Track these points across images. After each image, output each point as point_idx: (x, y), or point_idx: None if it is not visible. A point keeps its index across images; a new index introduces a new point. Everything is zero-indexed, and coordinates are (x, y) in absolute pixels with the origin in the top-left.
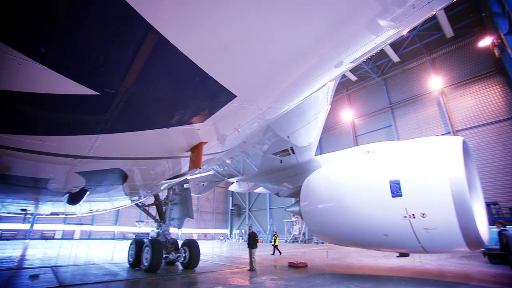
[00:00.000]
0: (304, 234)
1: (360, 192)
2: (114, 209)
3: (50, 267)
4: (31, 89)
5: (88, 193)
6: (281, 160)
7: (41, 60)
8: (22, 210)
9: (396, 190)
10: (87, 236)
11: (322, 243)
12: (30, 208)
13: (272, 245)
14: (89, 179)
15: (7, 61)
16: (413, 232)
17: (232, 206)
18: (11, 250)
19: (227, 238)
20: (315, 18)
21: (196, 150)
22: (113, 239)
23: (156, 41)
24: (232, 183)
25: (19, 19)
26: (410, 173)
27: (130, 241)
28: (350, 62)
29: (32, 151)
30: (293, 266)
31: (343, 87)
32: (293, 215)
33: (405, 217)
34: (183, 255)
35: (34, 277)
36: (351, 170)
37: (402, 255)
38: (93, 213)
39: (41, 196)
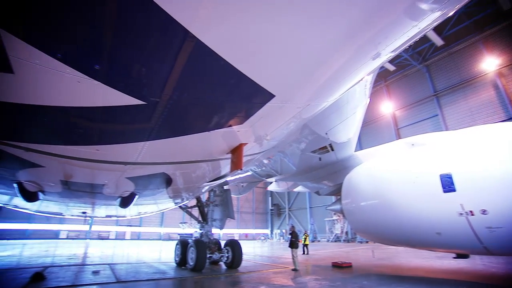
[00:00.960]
0: (347, 233)
1: (407, 188)
2: (159, 212)
3: (108, 264)
4: (89, 103)
5: (137, 197)
6: (320, 158)
7: (96, 76)
8: (83, 213)
9: (448, 184)
10: (137, 237)
11: (367, 242)
12: (89, 211)
13: (302, 244)
14: (137, 184)
15: (68, 81)
16: (472, 231)
17: (271, 206)
18: (75, 249)
19: (268, 238)
20: (348, 9)
21: (236, 151)
22: (160, 239)
23: (194, 46)
24: (271, 183)
25: (82, 44)
26: (464, 165)
27: (175, 242)
28: (391, 52)
29: (89, 159)
30: (337, 266)
31: (381, 78)
32: (334, 214)
33: (461, 214)
34: (226, 255)
35: (96, 272)
36: (396, 164)
37: (460, 256)
38: (141, 216)
39: (97, 200)
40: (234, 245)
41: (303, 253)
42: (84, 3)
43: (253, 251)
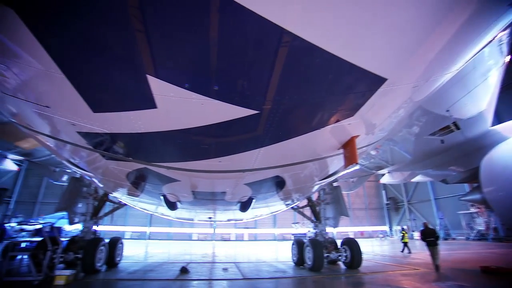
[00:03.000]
0: (495, 229)
1: None
2: (272, 214)
3: (234, 263)
4: (211, 121)
5: (254, 201)
6: (442, 140)
7: (215, 96)
8: (209, 218)
9: None
10: (254, 238)
11: None
12: (214, 216)
13: (401, 241)
14: (254, 189)
15: (195, 105)
16: None
17: (386, 200)
18: (205, 249)
19: (387, 236)
20: None
21: (349, 145)
22: (274, 240)
23: (294, 44)
24: (383, 175)
25: (204, 72)
26: None
27: (288, 242)
28: None
29: (213, 171)
30: (488, 271)
31: None
32: (472, 205)
33: None
34: (344, 254)
35: (225, 270)
36: None
37: None
38: (255, 218)
39: (220, 206)
40: (351, 244)
41: (402, 251)
42: (200, 46)
43: (371, 250)
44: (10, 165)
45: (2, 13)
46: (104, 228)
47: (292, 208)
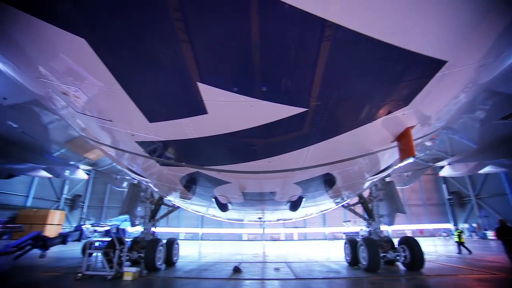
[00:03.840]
0: None
1: None
2: (322, 213)
3: (285, 262)
4: (261, 122)
5: (304, 199)
6: None
7: (263, 97)
8: (259, 218)
9: None
10: (303, 237)
11: None
12: (264, 216)
13: (456, 242)
14: (304, 188)
15: (244, 107)
16: None
17: (448, 195)
18: (255, 249)
19: (452, 234)
20: None
21: (404, 137)
22: (325, 239)
23: (342, 36)
24: (442, 167)
25: (253, 75)
26: None
27: (339, 241)
28: None
29: (263, 171)
30: None
31: None
32: None
33: None
34: (403, 254)
35: (277, 269)
36: None
37: None
38: (304, 218)
39: (270, 206)
40: (411, 243)
41: (459, 252)
42: (245, 49)
43: (434, 250)
44: (81, 174)
45: (75, 43)
46: (160, 230)
47: (342, 206)
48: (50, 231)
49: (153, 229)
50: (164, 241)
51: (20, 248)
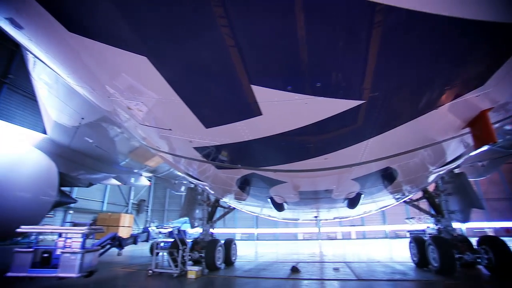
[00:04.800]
0: None
1: None
2: (381, 210)
3: (344, 262)
4: (317, 118)
5: (362, 196)
6: None
7: (318, 93)
8: (315, 217)
9: None
10: (362, 236)
11: None
12: (320, 215)
13: None
14: (362, 183)
15: (298, 105)
16: None
17: None
18: (312, 248)
19: None
20: None
21: (479, 122)
22: (386, 237)
23: (397, 17)
24: None
25: (305, 72)
26: None
27: (402, 240)
28: None
29: (320, 169)
30: None
31: None
32: None
33: None
34: (485, 256)
35: (336, 270)
36: None
37: None
38: (363, 215)
39: (327, 204)
40: (494, 243)
41: None
42: (295, 46)
43: None
44: (144, 181)
45: (138, 61)
46: (218, 231)
47: (404, 202)
48: (122, 233)
49: (211, 230)
50: (222, 242)
51: (102, 246)
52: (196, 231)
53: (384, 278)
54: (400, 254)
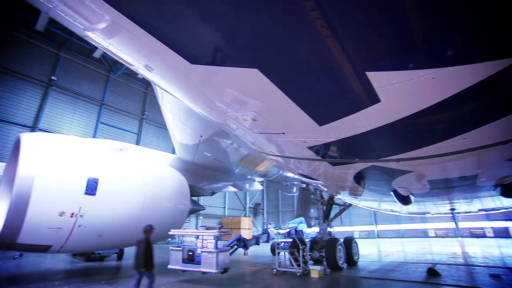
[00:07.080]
0: None
1: None
2: None
3: (505, 268)
4: (449, 93)
5: None
6: None
7: (450, 61)
8: (451, 209)
9: None
10: None
11: None
12: (458, 207)
13: None
14: None
15: (422, 82)
16: None
17: None
18: (450, 247)
19: None
20: None
21: None
22: None
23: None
24: None
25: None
26: None
27: None
28: None
29: (457, 151)
30: None
31: None
32: None
33: None
34: None
35: (496, 277)
36: None
37: None
38: None
39: (468, 194)
40: None
41: None
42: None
43: None
44: (257, 185)
45: (250, 74)
46: (335, 229)
47: None
48: (243, 234)
49: (329, 229)
50: (342, 240)
51: (231, 247)
52: (313, 231)
53: None
54: None
